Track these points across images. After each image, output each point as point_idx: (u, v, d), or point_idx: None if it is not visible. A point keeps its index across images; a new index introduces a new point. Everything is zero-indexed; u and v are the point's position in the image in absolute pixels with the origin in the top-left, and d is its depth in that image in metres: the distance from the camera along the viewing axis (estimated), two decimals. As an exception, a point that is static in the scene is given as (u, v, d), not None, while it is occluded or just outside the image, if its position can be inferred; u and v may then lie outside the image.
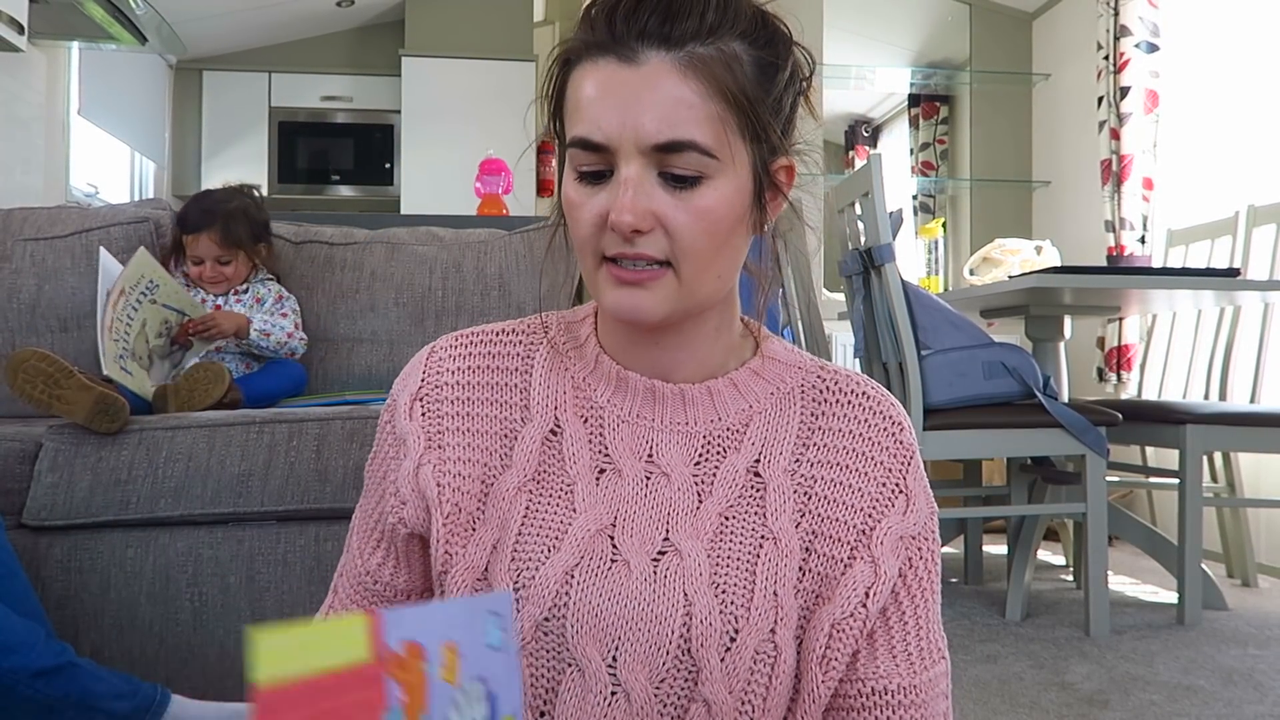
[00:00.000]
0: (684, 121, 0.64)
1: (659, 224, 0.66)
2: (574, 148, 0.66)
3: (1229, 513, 2.75)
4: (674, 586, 0.68)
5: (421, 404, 0.76)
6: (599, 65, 0.65)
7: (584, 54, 0.66)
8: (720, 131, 0.65)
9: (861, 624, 0.71)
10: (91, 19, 3.15)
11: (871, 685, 0.71)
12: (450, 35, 4.75)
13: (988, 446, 2.22)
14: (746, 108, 0.65)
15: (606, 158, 0.65)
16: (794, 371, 0.78)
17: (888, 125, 4.76)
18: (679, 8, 0.64)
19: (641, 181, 0.65)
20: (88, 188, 3.96)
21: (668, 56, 0.64)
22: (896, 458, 0.75)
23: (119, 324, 1.68)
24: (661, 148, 0.64)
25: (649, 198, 0.65)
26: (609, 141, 0.64)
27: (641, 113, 0.63)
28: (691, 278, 0.68)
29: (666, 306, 0.68)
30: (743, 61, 0.66)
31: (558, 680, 0.68)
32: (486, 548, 0.71)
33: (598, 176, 0.66)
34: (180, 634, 1.51)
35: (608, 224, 0.66)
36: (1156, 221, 3.42)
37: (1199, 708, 1.76)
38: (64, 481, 1.50)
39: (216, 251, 1.96)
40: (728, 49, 0.65)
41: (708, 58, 0.64)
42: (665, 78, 0.63)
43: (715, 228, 0.66)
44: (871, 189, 2.16)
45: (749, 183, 0.68)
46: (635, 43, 0.64)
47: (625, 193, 0.64)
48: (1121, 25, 3.44)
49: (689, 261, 0.67)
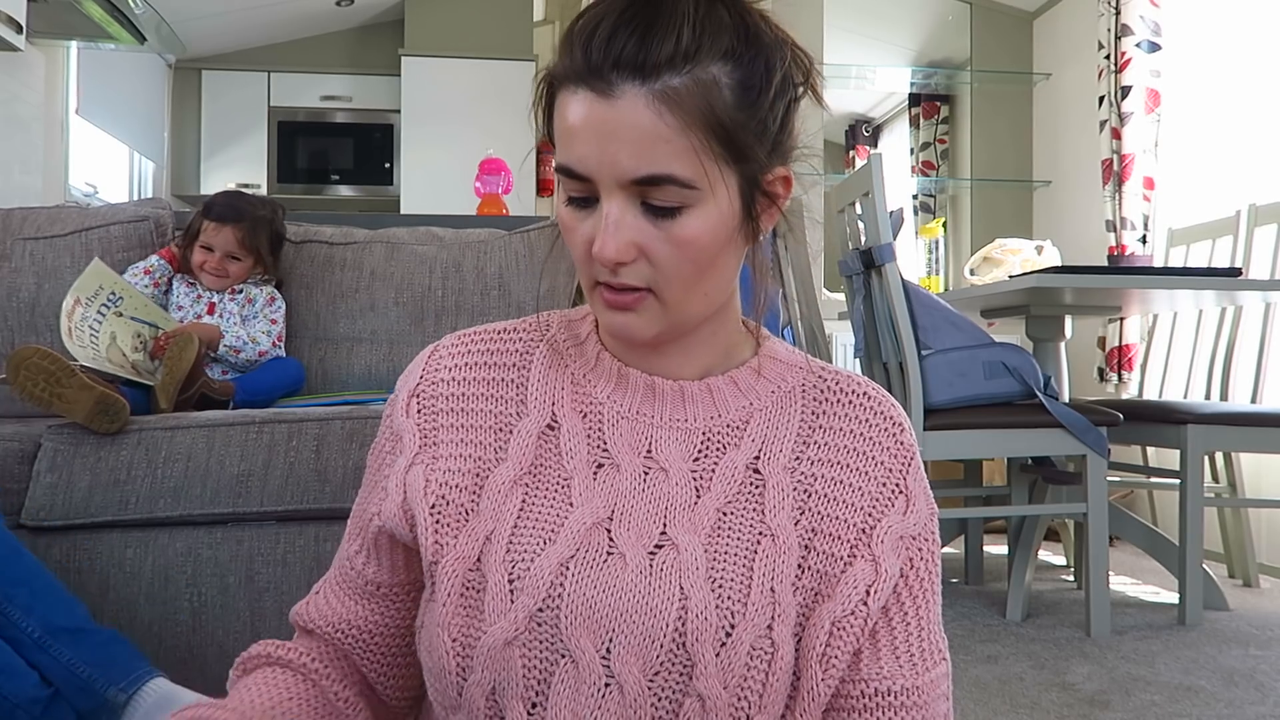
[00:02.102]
0: (661, 156, 0.63)
1: (641, 254, 0.67)
2: (560, 174, 0.68)
3: (1230, 513, 2.75)
4: (670, 580, 0.69)
5: (418, 400, 0.77)
6: (577, 95, 0.65)
7: (565, 81, 0.66)
8: (698, 163, 0.64)
9: (862, 622, 0.71)
10: (90, 18, 3.15)
11: (874, 686, 0.71)
12: (450, 35, 4.75)
13: (988, 446, 2.22)
14: (727, 135, 0.65)
15: (590, 187, 0.66)
16: (794, 371, 0.78)
17: (888, 125, 4.76)
18: (655, 32, 0.63)
19: (623, 215, 0.66)
20: (87, 187, 3.96)
21: (642, 90, 0.63)
22: (897, 458, 0.75)
23: (80, 333, 1.67)
24: (640, 181, 0.64)
25: (631, 230, 0.66)
26: (590, 174, 0.65)
27: (618, 149, 0.64)
28: (676, 301, 0.69)
29: (655, 327, 0.70)
30: (721, 87, 0.64)
31: (551, 671, 0.68)
32: (479, 538, 0.71)
33: (585, 202, 0.68)
34: (179, 634, 1.51)
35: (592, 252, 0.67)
36: (1157, 221, 3.41)
37: (1200, 708, 1.75)
38: (63, 481, 1.50)
39: (233, 247, 1.97)
40: (705, 75, 0.64)
41: (683, 90, 0.63)
42: (640, 113, 0.63)
43: (698, 255, 0.67)
44: (872, 189, 2.16)
45: (735, 204, 0.68)
46: (611, 74, 0.63)
47: (606, 229, 0.65)
48: (1123, 25, 3.44)
49: (672, 287, 0.68)
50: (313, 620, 0.80)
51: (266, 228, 2.02)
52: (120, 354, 1.73)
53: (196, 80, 4.89)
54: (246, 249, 1.98)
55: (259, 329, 1.96)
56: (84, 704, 1.28)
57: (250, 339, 1.93)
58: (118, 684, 1.29)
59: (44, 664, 1.27)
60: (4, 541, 1.32)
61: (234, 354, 1.92)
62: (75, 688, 1.28)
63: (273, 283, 2.07)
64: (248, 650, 0.79)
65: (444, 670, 0.69)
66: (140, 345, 1.79)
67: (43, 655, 1.27)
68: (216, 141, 4.91)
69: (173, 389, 1.68)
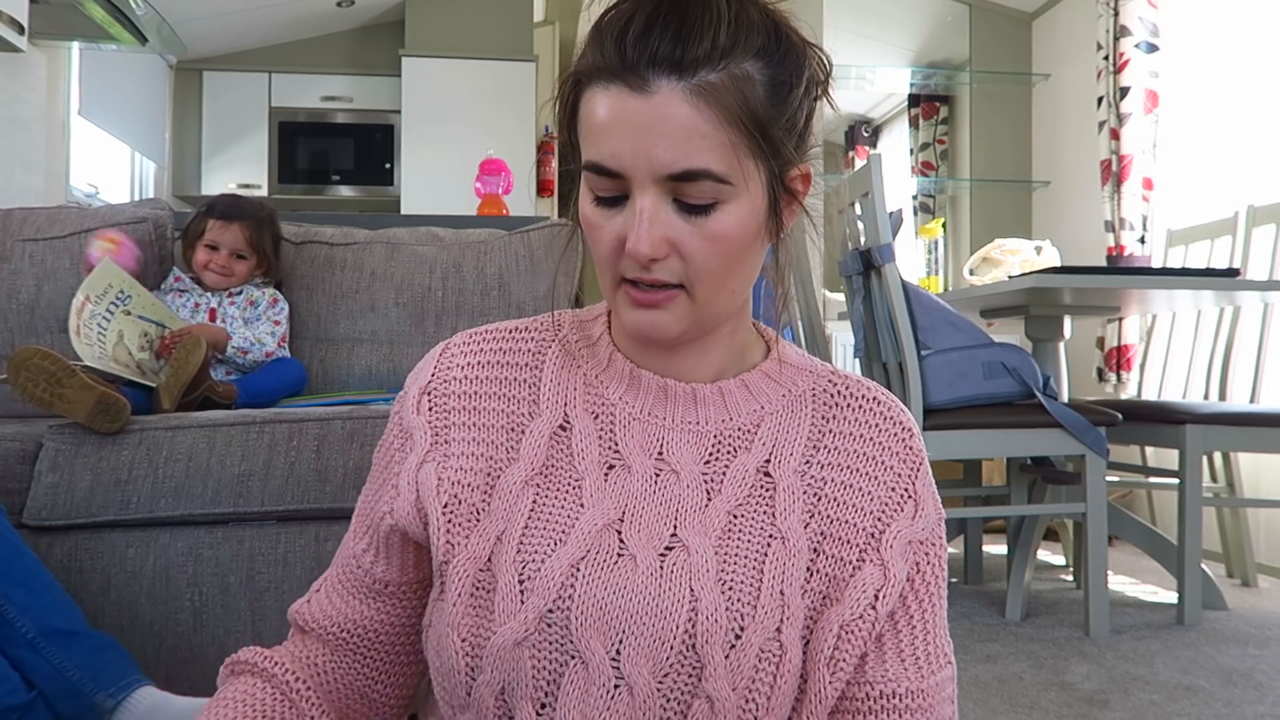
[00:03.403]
0: (697, 151, 0.63)
1: (674, 250, 0.67)
2: (589, 171, 0.67)
3: (1229, 513, 2.75)
4: (680, 582, 0.69)
5: (430, 398, 0.76)
6: (610, 91, 0.64)
7: (595, 77, 0.66)
8: (733, 157, 0.65)
9: (870, 626, 0.71)
10: (91, 19, 3.15)
11: (880, 689, 0.71)
12: (450, 35, 4.75)
13: (988, 446, 2.22)
14: (761, 130, 0.65)
15: (621, 184, 0.66)
16: (805, 375, 0.79)
17: (888, 125, 4.76)
18: (690, 30, 0.63)
19: (657, 211, 0.65)
20: (88, 188, 3.96)
21: (679, 85, 0.63)
22: (906, 463, 0.76)
23: (89, 331, 1.68)
24: (676, 177, 0.64)
25: (664, 226, 0.66)
26: (623, 170, 0.65)
27: (654, 143, 0.63)
28: (706, 297, 0.69)
29: (683, 324, 0.70)
30: (755, 84, 0.65)
31: (560, 672, 0.68)
32: (490, 539, 0.71)
33: (613, 201, 0.67)
34: (180, 634, 1.51)
35: (625, 249, 0.67)
36: (1156, 221, 3.42)
37: (1199, 708, 1.76)
38: (64, 481, 1.50)
39: (240, 244, 1.98)
40: (740, 72, 0.64)
41: (720, 85, 0.63)
42: (677, 107, 0.63)
43: (730, 249, 0.67)
44: (871, 189, 2.16)
45: (764, 199, 0.68)
46: (646, 70, 0.63)
47: (641, 224, 0.65)
48: (1121, 25, 3.44)
49: (704, 283, 0.68)
50: (314, 619, 0.80)
51: (270, 227, 2.05)
52: (126, 353, 1.74)
53: (197, 81, 4.89)
54: (252, 246, 2.00)
55: (263, 330, 1.97)
56: (70, 707, 1.28)
57: (256, 340, 1.94)
58: (107, 689, 1.29)
59: (34, 665, 1.27)
60: (5, 540, 1.33)
61: (241, 355, 1.92)
62: (63, 691, 1.28)
63: (274, 285, 2.07)
64: (238, 654, 0.80)
65: (453, 670, 0.69)
66: (146, 344, 1.80)
67: (34, 656, 1.27)
68: (217, 142, 4.91)
69: (177, 391, 1.68)
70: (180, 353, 1.71)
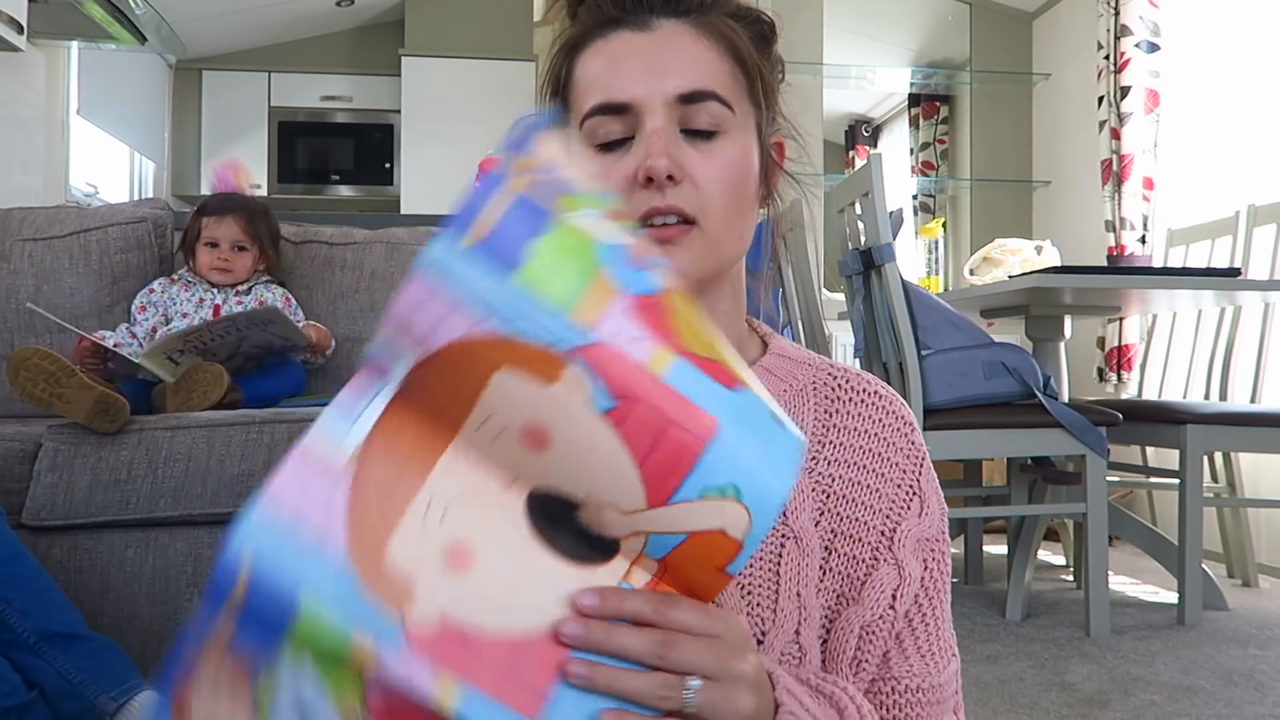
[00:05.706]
0: (705, 74, 0.68)
1: (686, 176, 0.68)
2: (595, 116, 0.68)
3: (1229, 513, 2.75)
4: None
5: None
6: (610, 39, 0.69)
7: (594, 33, 0.69)
8: (734, 87, 0.69)
9: (890, 626, 0.71)
10: (91, 19, 3.15)
11: (905, 684, 0.71)
12: (450, 35, 4.75)
13: (988, 446, 2.22)
14: (753, 70, 0.70)
15: (628, 122, 0.67)
16: (804, 368, 0.78)
17: (888, 125, 4.76)
18: None
19: (669, 131, 0.67)
20: (87, 188, 3.96)
21: (678, 22, 0.69)
22: (910, 459, 0.76)
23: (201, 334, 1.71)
24: (685, 98, 0.67)
25: (676, 149, 0.67)
26: (633, 99, 0.67)
27: (664, 65, 0.67)
28: (717, 233, 0.69)
29: (699, 264, 0.69)
30: (740, 32, 0.71)
31: None
32: None
33: (617, 145, 0.68)
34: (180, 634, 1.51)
35: (636, 182, 0.67)
36: (1157, 221, 3.41)
37: (1199, 708, 1.76)
38: (63, 481, 1.50)
39: (238, 236, 1.98)
40: (725, 25, 0.70)
41: (715, 22, 0.69)
42: (682, 36, 0.68)
43: (738, 179, 0.69)
44: (871, 189, 2.16)
45: (755, 147, 0.71)
46: (646, 14, 0.68)
47: (656, 141, 0.66)
48: (1122, 25, 3.44)
49: (714, 216, 0.68)
50: None
51: (264, 217, 2.05)
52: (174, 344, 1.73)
53: (197, 80, 4.89)
54: (251, 237, 2.00)
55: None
56: (71, 709, 1.28)
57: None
58: (108, 692, 1.29)
59: (35, 667, 1.27)
60: (4, 543, 1.32)
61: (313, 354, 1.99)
62: (64, 693, 1.28)
63: (278, 283, 2.07)
64: None
65: None
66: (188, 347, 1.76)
67: (35, 659, 1.27)
68: (217, 142, 4.90)
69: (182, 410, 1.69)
70: (201, 386, 1.69)
